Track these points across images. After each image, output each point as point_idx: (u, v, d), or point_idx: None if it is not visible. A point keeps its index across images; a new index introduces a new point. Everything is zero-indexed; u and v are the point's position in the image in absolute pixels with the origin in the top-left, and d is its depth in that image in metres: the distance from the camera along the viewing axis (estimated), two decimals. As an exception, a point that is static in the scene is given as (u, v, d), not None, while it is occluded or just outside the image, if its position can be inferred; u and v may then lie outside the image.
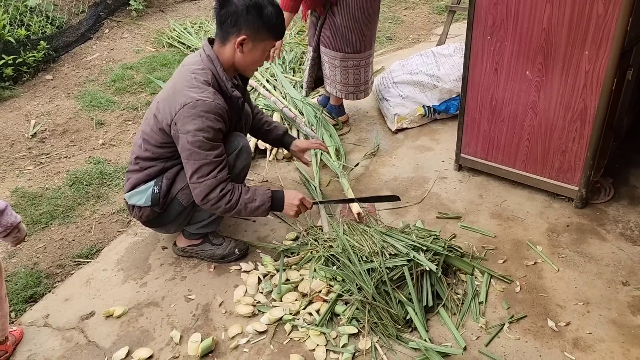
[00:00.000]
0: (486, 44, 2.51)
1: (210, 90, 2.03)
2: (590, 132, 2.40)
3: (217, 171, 2.05)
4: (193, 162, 2.03)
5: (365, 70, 3.25)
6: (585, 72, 2.29)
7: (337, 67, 3.18)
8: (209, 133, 2.00)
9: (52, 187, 3.00)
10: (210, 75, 2.07)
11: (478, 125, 2.74)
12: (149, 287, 2.27)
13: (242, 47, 2.06)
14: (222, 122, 2.05)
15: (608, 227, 2.49)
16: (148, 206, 2.18)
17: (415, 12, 5.97)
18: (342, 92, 3.30)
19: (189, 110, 1.98)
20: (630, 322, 2.00)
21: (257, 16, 2.01)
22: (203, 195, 2.06)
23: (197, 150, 2.01)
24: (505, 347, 1.93)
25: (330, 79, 3.28)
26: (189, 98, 1.99)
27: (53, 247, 2.55)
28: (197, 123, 1.98)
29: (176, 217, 2.26)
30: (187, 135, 2.00)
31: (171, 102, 2.04)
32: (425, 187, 2.85)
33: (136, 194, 2.19)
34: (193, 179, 2.06)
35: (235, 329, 2.03)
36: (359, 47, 3.13)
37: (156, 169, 2.18)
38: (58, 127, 3.66)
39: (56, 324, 2.12)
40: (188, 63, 2.13)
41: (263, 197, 2.15)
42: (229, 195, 2.08)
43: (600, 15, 2.16)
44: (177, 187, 2.18)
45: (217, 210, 2.10)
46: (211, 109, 2.00)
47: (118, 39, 5.33)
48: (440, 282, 2.13)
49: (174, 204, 2.21)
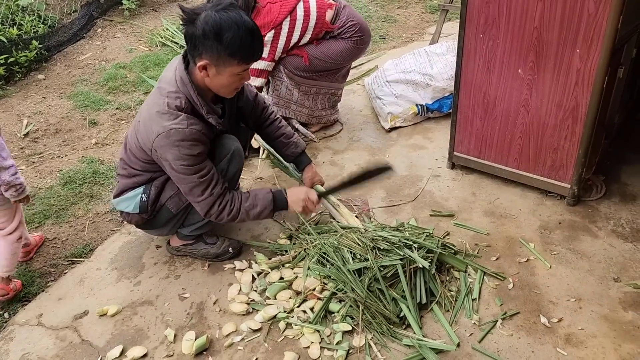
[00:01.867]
0: (478, 43, 2.52)
1: (183, 116, 1.95)
2: (582, 129, 2.42)
3: (210, 188, 2.04)
4: (184, 186, 2.04)
5: (322, 100, 3.32)
6: (576, 70, 2.31)
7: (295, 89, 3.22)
8: (188, 160, 1.96)
9: (45, 186, 2.99)
10: (183, 100, 1.97)
11: (471, 123, 2.76)
12: (142, 286, 2.27)
13: (207, 72, 1.94)
14: (200, 145, 1.98)
15: (600, 224, 2.51)
16: (136, 213, 2.18)
17: (408, 11, 5.98)
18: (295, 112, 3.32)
19: (164, 140, 1.94)
20: (622, 318, 2.02)
21: (215, 41, 1.86)
22: (204, 212, 2.10)
23: (182, 176, 2.00)
24: (498, 343, 1.94)
25: (285, 99, 3.27)
26: (162, 127, 1.93)
27: (46, 247, 2.54)
28: (174, 152, 1.95)
29: (166, 222, 2.25)
30: (168, 163, 1.99)
31: (148, 128, 1.99)
32: (418, 185, 2.86)
33: (124, 201, 2.19)
34: (190, 199, 2.09)
35: (230, 327, 2.03)
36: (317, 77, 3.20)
37: (144, 178, 2.17)
38: (51, 127, 3.64)
39: (50, 323, 2.11)
40: (164, 81, 2.03)
41: (264, 201, 2.15)
42: (229, 206, 2.09)
43: (592, 14, 2.17)
44: (166, 195, 2.17)
45: (222, 221, 2.13)
46: (185, 136, 1.93)
47: (111, 38, 5.31)
48: (434, 280, 2.14)
49: (162, 211, 2.20)
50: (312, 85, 3.23)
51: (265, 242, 2.48)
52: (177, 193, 2.15)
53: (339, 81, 3.34)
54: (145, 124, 2.01)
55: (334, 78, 3.29)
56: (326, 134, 3.43)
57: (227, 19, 1.86)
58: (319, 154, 3.22)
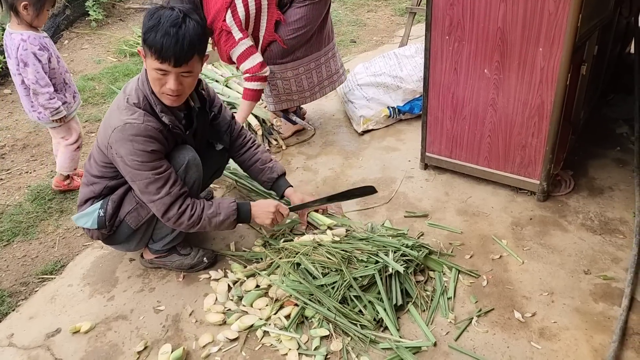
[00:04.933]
0: (445, 44, 2.56)
1: (140, 112, 1.96)
2: (548, 126, 2.47)
3: (168, 187, 2.00)
4: (139, 183, 2.00)
5: (317, 72, 3.25)
6: (540, 68, 2.36)
7: (291, 78, 3.18)
8: (142, 157, 1.94)
9: (13, 203, 2.92)
10: (142, 97, 1.99)
11: (441, 124, 2.79)
12: (116, 301, 2.24)
13: (145, 64, 1.96)
14: (155, 143, 1.97)
15: (569, 218, 2.56)
16: (95, 229, 2.16)
17: (378, 14, 6.04)
18: (299, 100, 3.29)
19: (118, 134, 1.93)
20: (593, 310, 2.06)
21: (143, 27, 1.89)
22: (161, 213, 2.04)
23: (136, 172, 1.97)
24: (474, 340, 1.96)
25: (285, 93, 3.24)
26: (119, 121, 1.94)
27: (16, 265, 2.48)
28: (128, 147, 1.93)
29: (127, 238, 2.22)
30: (121, 159, 1.97)
31: (106, 124, 2.00)
32: (392, 187, 2.88)
33: (83, 217, 2.17)
34: (146, 199, 2.04)
35: (206, 338, 2.01)
36: (304, 53, 3.14)
37: (99, 187, 2.14)
38: (18, 142, 3.57)
39: (21, 343, 2.06)
40: (131, 82, 2.08)
41: (227, 210, 2.13)
42: (189, 210, 2.05)
43: (552, 13, 2.22)
44: (125, 210, 2.14)
45: (180, 227, 2.08)
46: (140, 131, 1.93)
47: (78, 50, 5.24)
48: (409, 280, 2.15)
49: (122, 226, 2.17)
50: (305, 62, 3.17)
51: (241, 250, 2.46)
52: (135, 208, 2.12)
53: (326, 42, 3.24)
54: (105, 120, 2.03)
55: (320, 43, 3.19)
56: (299, 139, 3.43)
57: (162, 12, 1.87)
58: (293, 159, 3.21)
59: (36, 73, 2.61)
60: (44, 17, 2.67)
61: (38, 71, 2.62)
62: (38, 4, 2.57)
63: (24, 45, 2.59)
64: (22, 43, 2.59)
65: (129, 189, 2.12)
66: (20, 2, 2.54)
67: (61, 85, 2.79)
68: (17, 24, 2.62)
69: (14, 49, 2.60)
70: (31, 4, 2.55)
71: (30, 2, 2.55)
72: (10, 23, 2.64)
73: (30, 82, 2.62)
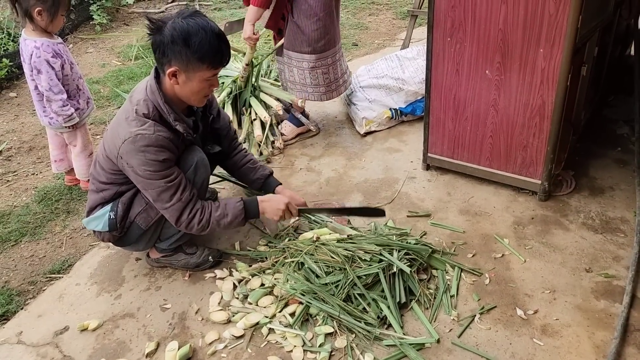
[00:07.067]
0: (446, 46, 2.59)
1: (150, 123, 1.98)
2: (550, 127, 2.50)
3: (179, 193, 2.04)
4: (151, 192, 2.04)
5: (334, 68, 3.28)
6: (541, 69, 2.39)
7: (306, 70, 3.21)
8: (154, 166, 1.98)
9: (21, 204, 2.96)
10: (151, 108, 2.00)
11: (443, 125, 2.82)
12: (123, 299, 2.26)
13: (176, 79, 1.97)
14: (167, 152, 2.00)
15: (571, 217, 2.58)
16: (107, 231, 2.19)
17: (379, 17, 6.08)
18: (314, 94, 3.31)
19: (130, 145, 1.96)
20: (594, 307, 2.08)
21: (183, 46, 1.89)
22: (175, 219, 2.09)
23: (148, 181, 2.01)
24: (477, 337, 1.98)
25: (300, 83, 3.30)
26: (128, 133, 1.96)
27: (24, 265, 2.52)
28: (140, 158, 1.96)
29: (138, 239, 2.25)
30: (132, 169, 2.00)
31: (115, 135, 2.02)
32: (395, 187, 2.91)
33: (93, 220, 2.19)
34: (159, 207, 2.08)
35: (213, 335, 2.04)
36: (324, 46, 3.15)
37: (110, 192, 2.17)
38: (24, 145, 3.61)
39: (30, 341, 2.09)
40: (136, 91, 2.08)
41: (235, 210, 2.16)
42: (199, 215, 2.10)
43: (552, 15, 2.25)
44: (135, 211, 2.17)
45: (192, 230, 2.13)
46: (151, 142, 1.96)
47: (83, 53, 5.29)
48: (413, 279, 2.18)
49: (133, 227, 2.20)
50: (325, 56, 3.19)
51: (245, 249, 2.49)
52: (145, 209, 2.16)
53: (338, 41, 3.26)
54: (113, 131, 2.04)
55: (336, 39, 3.21)
56: (301, 137, 3.46)
57: (194, 25, 1.90)
58: (296, 160, 3.25)
59: (49, 80, 2.61)
60: (59, 22, 2.66)
61: (51, 78, 2.61)
62: (52, 9, 2.56)
63: (37, 53, 2.57)
64: (36, 50, 2.57)
65: (138, 191, 2.16)
66: (35, 8, 2.52)
67: (74, 91, 2.79)
68: (32, 29, 2.61)
69: (28, 55, 2.60)
70: (45, 10, 2.55)
71: (44, 7, 2.54)
72: (26, 29, 2.63)
73: (44, 89, 2.62)
